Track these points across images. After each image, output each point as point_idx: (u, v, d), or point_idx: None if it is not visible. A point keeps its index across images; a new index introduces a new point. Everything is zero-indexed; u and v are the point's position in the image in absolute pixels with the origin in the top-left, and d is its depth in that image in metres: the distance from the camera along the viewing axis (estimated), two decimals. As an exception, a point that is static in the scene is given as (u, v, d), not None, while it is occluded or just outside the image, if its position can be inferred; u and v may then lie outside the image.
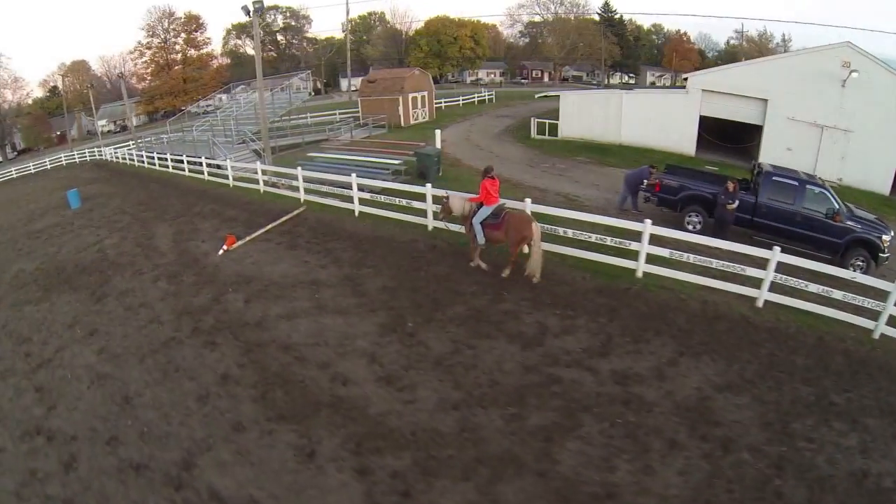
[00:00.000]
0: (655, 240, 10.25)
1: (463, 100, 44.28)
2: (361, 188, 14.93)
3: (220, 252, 13.04)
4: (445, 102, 42.51)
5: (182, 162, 21.91)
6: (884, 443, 6.64)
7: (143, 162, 27.99)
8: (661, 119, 23.19)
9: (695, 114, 22.68)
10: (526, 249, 10.18)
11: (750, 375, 7.70)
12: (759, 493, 5.75)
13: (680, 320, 9.06)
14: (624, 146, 23.99)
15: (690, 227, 13.23)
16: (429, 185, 12.91)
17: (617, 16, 66.50)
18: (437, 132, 19.00)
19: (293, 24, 72.25)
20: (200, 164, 20.83)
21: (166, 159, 23.96)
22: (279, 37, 72.70)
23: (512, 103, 44.48)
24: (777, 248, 9.33)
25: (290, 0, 74.40)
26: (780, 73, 21.10)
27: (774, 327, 9.04)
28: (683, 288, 10.02)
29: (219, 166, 20.84)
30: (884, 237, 12.16)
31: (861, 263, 12.15)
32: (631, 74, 72.16)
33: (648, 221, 10.07)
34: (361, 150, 20.53)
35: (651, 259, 10.36)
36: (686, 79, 23.63)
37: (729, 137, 23.76)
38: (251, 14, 17.04)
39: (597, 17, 66.13)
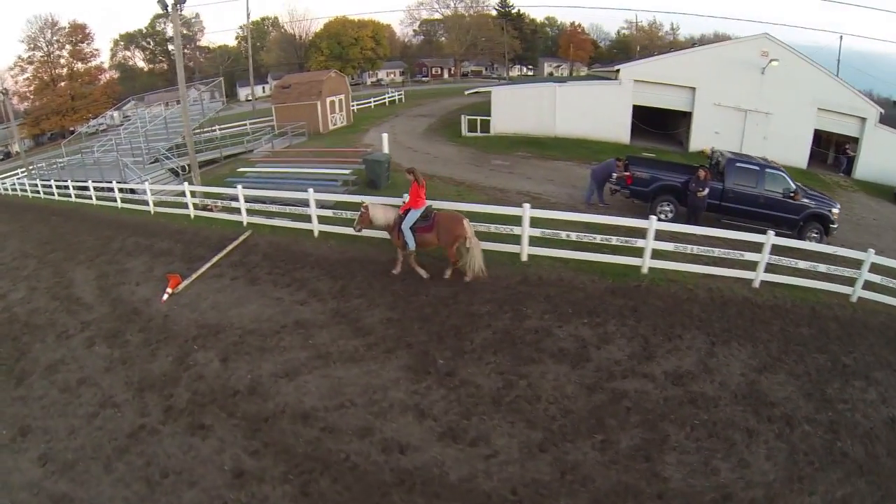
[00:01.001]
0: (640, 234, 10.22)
1: (375, 101, 42.34)
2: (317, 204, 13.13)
3: (165, 297, 10.66)
4: (357, 105, 40.40)
5: (87, 188, 18.36)
6: (895, 391, 7.59)
7: (38, 192, 23.23)
8: (596, 110, 23.31)
9: (628, 103, 23.10)
10: (468, 250, 9.69)
11: (775, 353, 8.11)
12: (831, 456, 6.22)
13: (696, 310, 9.14)
14: (559, 138, 23.84)
15: (663, 217, 13.36)
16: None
17: (514, 10, 67.41)
18: (384, 136, 17.44)
19: (185, 32, 65.24)
20: (111, 189, 17.51)
21: (67, 187, 19.92)
22: (170, 47, 65.44)
23: (422, 102, 43.10)
24: (771, 233, 9.83)
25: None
26: (706, 63, 22.13)
27: (775, 304, 9.58)
28: (687, 279, 10.10)
29: (132, 191, 17.71)
30: (833, 210, 13.26)
31: (815, 235, 13.10)
32: (530, 66, 73.74)
33: (654, 218, 10.00)
34: (299, 160, 18.35)
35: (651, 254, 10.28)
36: (591, 67, 23.96)
37: (658, 125, 24.41)
38: (169, 8, 14.23)
39: (494, 13, 66.58)
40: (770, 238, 9.74)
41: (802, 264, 10.00)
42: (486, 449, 6.10)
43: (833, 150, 25.66)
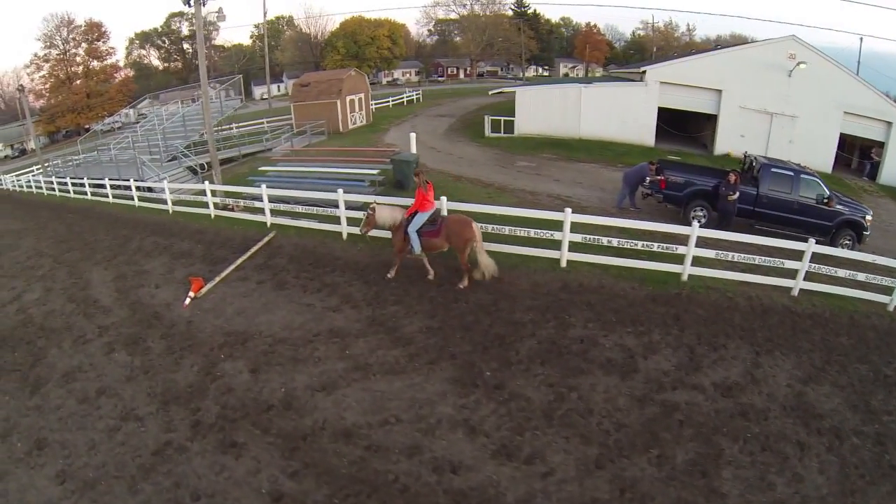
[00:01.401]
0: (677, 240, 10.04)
1: (393, 101, 41.78)
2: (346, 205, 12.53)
3: (187, 301, 10.04)
4: (375, 104, 39.86)
5: (104, 187, 17.82)
6: (936, 402, 7.28)
7: (53, 189, 22.72)
8: (621, 112, 22.68)
9: (653, 105, 22.47)
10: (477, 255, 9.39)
11: (818, 363, 7.94)
12: (880, 469, 6.06)
13: (737, 319, 8.89)
14: (583, 140, 23.15)
15: (696, 222, 12.46)
16: (444, 199, 10.83)
17: (530, 10, 66.62)
18: (412, 136, 16.76)
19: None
20: (128, 187, 16.95)
21: (83, 184, 19.44)
22: (185, 45, 65.17)
23: (441, 102, 42.57)
24: (812, 240, 9.66)
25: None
26: (732, 65, 21.53)
27: (814, 313, 9.36)
28: (726, 286, 9.80)
29: (150, 189, 17.17)
30: (867, 217, 13.07)
31: (848, 242, 12.83)
32: (546, 67, 72.85)
33: (696, 224, 9.76)
34: (323, 160, 17.72)
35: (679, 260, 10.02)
36: (606, 67, 23.27)
37: (681, 127, 23.73)
38: (192, 3, 13.67)
39: (510, 13, 65.75)
40: (811, 246, 9.55)
41: (841, 273, 9.87)
42: (542, 467, 5.73)
43: (857, 154, 24.83)
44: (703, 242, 10.06)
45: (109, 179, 17.52)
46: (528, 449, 5.94)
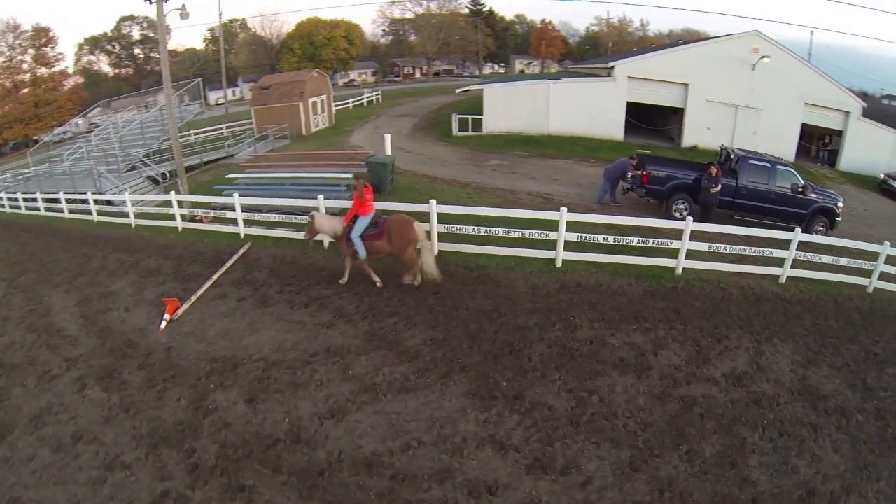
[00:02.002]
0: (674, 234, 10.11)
1: (353, 102, 40.68)
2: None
3: (163, 325, 9.15)
4: (336, 106, 38.68)
5: (58, 201, 16.30)
6: (926, 376, 7.66)
7: (2, 206, 20.75)
8: (590, 107, 22.67)
9: (622, 100, 22.56)
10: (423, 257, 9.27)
11: (814, 347, 8.21)
12: (886, 443, 6.35)
13: (734, 309, 9.04)
14: (553, 136, 23.04)
15: (678, 215, 13.13)
16: (433, 202, 10.38)
17: (485, 8, 66.21)
18: (387, 137, 16.12)
19: (151, 35, 61.31)
20: (85, 201, 15.59)
21: (35, 199, 17.73)
22: (137, 50, 61.33)
23: (401, 101, 41.58)
24: (798, 230, 9.96)
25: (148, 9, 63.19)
26: (698, 60, 21.86)
27: (802, 299, 9.66)
28: (719, 278, 9.97)
29: (110, 202, 15.86)
30: (838, 203, 13.50)
31: (821, 228, 13.24)
32: (502, 64, 72.69)
33: (690, 219, 9.77)
34: (294, 165, 16.82)
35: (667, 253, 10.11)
36: (552, 62, 23.27)
37: (647, 121, 23.94)
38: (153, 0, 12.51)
39: (465, 11, 65.22)
40: (797, 235, 9.81)
41: (825, 259, 10.30)
42: (579, 476, 5.55)
43: (816, 143, 25.77)
44: (692, 236, 10.03)
45: (64, 193, 16.07)
46: (561, 459, 5.73)
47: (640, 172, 13.70)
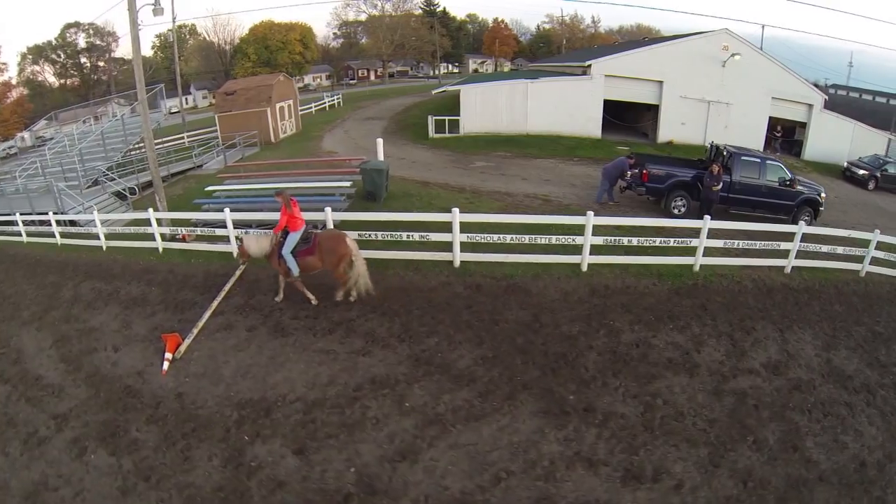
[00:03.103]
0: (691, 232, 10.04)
1: (316, 106, 38.80)
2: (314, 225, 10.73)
3: (165, 366, 7.82)
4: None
5: (13, 223, 14.16)
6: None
7: None
8: (568, 106, 22.27)
9: (599, 98, 22.28)
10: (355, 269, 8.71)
11: (828, 331, 8.46)
12: None
13: (751, 302, 9.10)
14: (532, 136, 22.47)
15: (676, 212, 13.25)
16: (455, 210, 9.57)
17: (439, 8, 64.84)
18: (380, 141, 14.97)
19: (98, 43, 56.09)
20: (46, 222, 13.58)
21: None
22: (83, 59, 55.96)
23: (363, 104, 39.86)
24: (803, 223, 10.30)
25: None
26: (672, 57, 21.88)
27: (807, 287, 9.86)
28: (732, 272, 9.99)
29: (73, 222, 13.94)
30: (822, 195, 13.80)
31: (807, 218, 13.06)
32: (456, 64, 71.65)
33: (707, 217, 9.69)
34: (278, 175, 15.33)
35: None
36: (513, 61, 22.91)
37: (621, 118, 23.83)
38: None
39: (419, 11, 63.59)
40: (801, 227, 10.06)
41: (825, 248, 10.56)
42: (670, 480, 5.44)
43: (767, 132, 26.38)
44: (690, 233, 10.04)
45: (21, 214, 13.97)
46: (649, 466, 5.58)
47: (640, 171, 13.45)
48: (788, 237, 10.18)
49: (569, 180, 17.25)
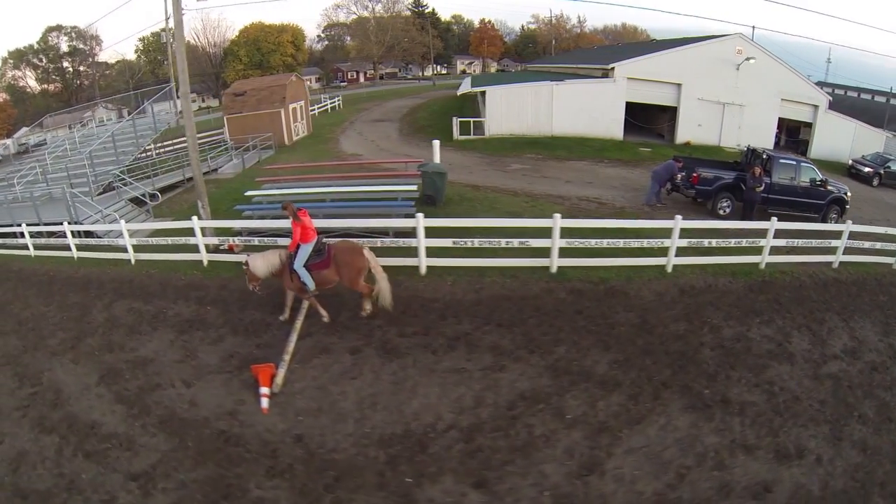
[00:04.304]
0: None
1: (318, 109, 36.60)
2: (395, 233, 9.91)
3: (265, 403, 6.24)
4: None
5: (18, 235, 11.88)
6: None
7: None
8: (591, 108, 21.48)
9: (622, 100, 21.67)
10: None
11: (882, 319, 8.73)
12: None
13: (814, 295, 9.24)
14: (557, 137, 21.52)
15: (722, 212, 13.34)
16: (557, 216, 8.75)
17: (428, 10, 63.16)
18: (436, 143, 13.52)
19: (80, 46, 51.58)
20: (56, 234, 11.41)
21: None
22: (65, 63, 51.65)
23: (364, 106, 37.75)
24: (849, 222, 10.43)
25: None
26: (690, 60, 21.53)
27: (854, 280, 10.05)
28: (791, 268, 10.03)
29: (89, 233, 11.85)
30: (847, 193, 14.11)
31: (835, 216, 13.72)
32: (444, 65, 70.13)
33: (774, 219, 9.71)
34: (319, 178, 13.53)
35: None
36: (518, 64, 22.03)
37: (639, 120, 23.15)
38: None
39: (408, 13, 61.73)
40: (849, 226, 10.24)
41: (867, 244, 10.72)
42: (811, 456, 5.63)
43: (784, 133, 26.23)
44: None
45: (28, 225, 11.74)
46: (791, 446, 5.72)
47: (687, 174, 13.51)
48: (837, 235, 10.34)
49: (608, 182, 16.40)
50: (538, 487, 5.00)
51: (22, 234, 12.11)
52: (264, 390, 6.37)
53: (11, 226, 11.99)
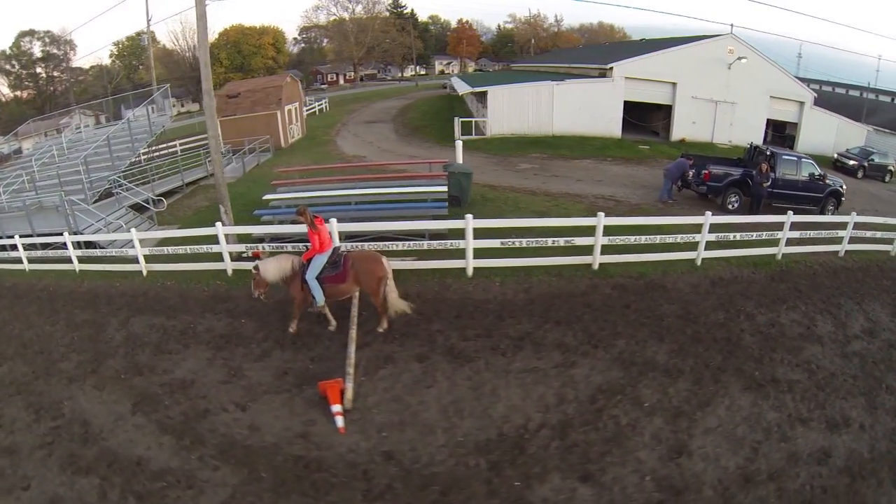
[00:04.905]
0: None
1: (306, 111, 35.28)
2: (420, 234, 9.54)
3: (340, 422, 5.63)
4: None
5: (10, 247, 10.73)
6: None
7: None
8: (591, 107, 21.45)
9: (620, 99, 21.73)
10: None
11: (889, 301, 9.09)
12: None
13: (827, 282, 9.61)
14: (558, 136, 21.40)
15: (731, 207, 13.54)
16: (601, 215, 8.79)
17: (407, 10, 62.11)
18: (459, 143, 13.00)
19: (55, 52, 48.34)
20: (58, 245, 10.24)
21: None
22: (38, 69, 48.39)
23: (353, 108, 36.61)
24: (854, 213, 10.78)
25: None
26: (685, 60, 21.72)
27: (858, 267, 10.45)
28: (804, 258, 10.35)
29: (90, 244, 10.73)
30: (843, 186, 14.52)
31: (831, 208, 14.14)
32: (424, 65, 69.20)
33: (790, 212, 10.05)
34: (337, 180, 12.75)
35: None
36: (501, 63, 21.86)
37: (634, 118, 23.13)
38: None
39: (387, 14, 60.59)
40: (854, 217, 10.56)
41: (868, 234, 11.12)
42: (854, 424, 6.04)
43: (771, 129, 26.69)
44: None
45: (21, 236, 10.50)
46: (838, 416, 6.10)
47: (704, 171, 13.67)
48: (842, 226, 10.71)
49: (618, 180, 16.35)
50: (639, 473, 5.13)
51: (13, 247, 10.91)
52: (336, 408, 5.73)
53: (1, 237, 10.74)
